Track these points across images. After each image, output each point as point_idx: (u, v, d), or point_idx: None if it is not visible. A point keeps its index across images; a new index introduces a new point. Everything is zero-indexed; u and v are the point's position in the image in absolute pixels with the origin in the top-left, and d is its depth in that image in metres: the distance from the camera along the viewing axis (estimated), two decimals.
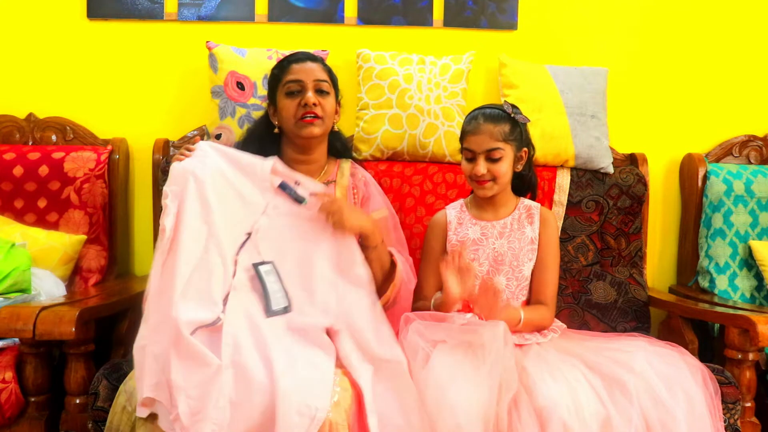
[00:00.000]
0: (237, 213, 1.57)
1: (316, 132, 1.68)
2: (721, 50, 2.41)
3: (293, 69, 1.71)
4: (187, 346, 1.33)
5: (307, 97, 1.67)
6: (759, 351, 1.76)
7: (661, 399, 1.42)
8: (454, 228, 1.77)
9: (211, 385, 1.30)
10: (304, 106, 1.67)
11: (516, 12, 2.36)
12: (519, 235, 1.73)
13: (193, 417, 1.28)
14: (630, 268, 2.16)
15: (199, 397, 1.29)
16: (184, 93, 2.32)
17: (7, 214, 2.12)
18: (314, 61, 1.74)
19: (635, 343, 1.60)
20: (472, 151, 1.68)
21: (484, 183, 1.69)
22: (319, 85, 1.69)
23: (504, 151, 1.67)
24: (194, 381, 1.30)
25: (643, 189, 2.17)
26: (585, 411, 1.38)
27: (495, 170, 1.67)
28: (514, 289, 1.71)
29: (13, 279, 1.77)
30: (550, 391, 1.40)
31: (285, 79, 1.70)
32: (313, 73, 1.70)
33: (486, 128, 1.67)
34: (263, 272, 1.53)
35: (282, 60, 1.77)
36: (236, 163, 1.61)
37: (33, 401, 1.64)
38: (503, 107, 1.71)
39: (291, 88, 1.69)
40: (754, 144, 2.39)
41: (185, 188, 1.51)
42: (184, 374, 1.31)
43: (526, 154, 1.73)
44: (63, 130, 2.27)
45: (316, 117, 1.67)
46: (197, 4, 2.31)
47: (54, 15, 2.30)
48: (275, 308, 1.50)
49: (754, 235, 2.25)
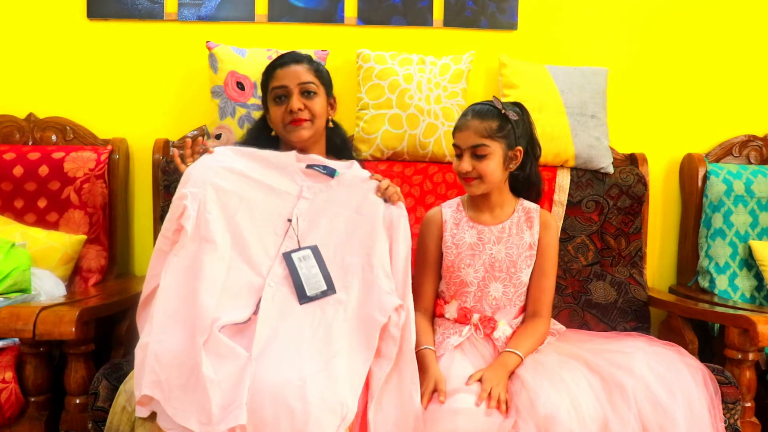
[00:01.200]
0: (271, 206, 1.57)
1: (305, 135, 1.70)
2: (721, 50, 2.41)
3: (278, 75, 1.72)
4: (216, 342, 1.33)
5: (291, 103, 1.68)
6: (759, 351, 1.76)
7: (659, 401, 1.42)
8: (450, 229, 1.72)
9: (243, 376, 1.30)
10: (290, 112, 1.69)
11: (516, 12, 2.36)
12: (517, 240, 1.69)
13: (226, 409, 1.27)
14: (630, 268, 2.16)
15: (231, 389, 1.29)
16: (184, 93, 2.32)
17: (7, 214, 2.12)
18: (299, 62, 1.74)
19: (635, 344, 1.59)
20: (458, 147, 1.65)
21: (470, 180, 1.64)
22: (304, 87, 1.70)
23: (490, 148, 1.61)
24: (225, 373, 1.30)
25: (643, 189, 2.17)
26: (586, 415, 1.38)
27: (481, 168, 1.62)
28: (511, 296, 1.68)
29: (13, 279, 1.77)
30: (551, 399, 1.39)
31: (271, 85, 1.73)
32: (297, 76, 1.70)
33: (472, 124, 1.62)
34: (296, 259, 1.52)
35: (268, 65, 1.78)
36: (259, 160, 1.60)
37: (33, 401, 1.65)
38: (492, 102, 1.65)
39: (277, 94, 1.71)
40: (754, 144, 2.39)
41: (205, 195, 1.50)
42: (215, 368, 1.30)
43: (521, 153, 1.65)
44: (63, 130, 2.27)
45: (304, 120, 1.69)
46: (197, 4, 2.31)
47: (54, 15, 2.30)
48: (311, 294, 1.49)
49: (754, 235, 2.25)
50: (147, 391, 1.31)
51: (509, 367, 1.52)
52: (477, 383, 1.46)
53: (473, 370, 1.52)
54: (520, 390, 1.45)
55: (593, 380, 1.46)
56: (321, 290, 1.50)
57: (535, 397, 1.41)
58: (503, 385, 1.46)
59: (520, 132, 1.65)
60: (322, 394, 1.30)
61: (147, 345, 1.35)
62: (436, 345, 1.62)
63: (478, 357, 1.59)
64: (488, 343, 1.63)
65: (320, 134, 1.77)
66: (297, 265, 1.51)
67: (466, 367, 1.53)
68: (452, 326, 1.66)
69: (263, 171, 1.59)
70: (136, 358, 1.36)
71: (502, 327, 1.64)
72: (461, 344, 1.62)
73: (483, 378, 1.47)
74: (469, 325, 1.64)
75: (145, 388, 1.32)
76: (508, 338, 1.63)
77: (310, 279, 1.50)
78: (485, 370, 1.49)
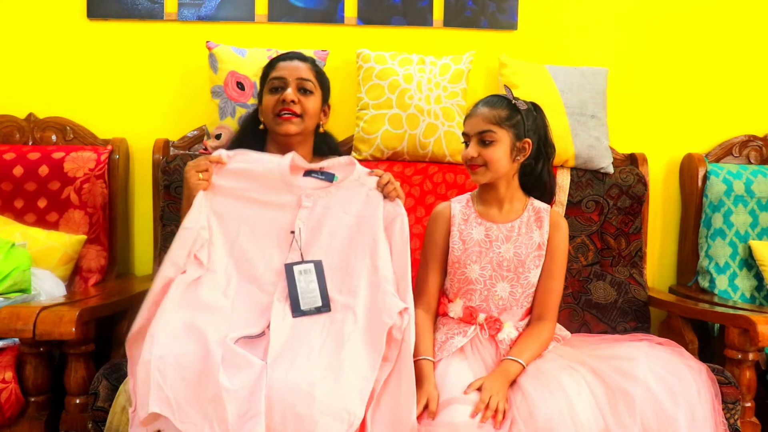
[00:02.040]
0: (271, 221, 1.56)
1: (293, 129, 1.68)
2: (721, 50, 2.41)
3: (279, 66, 1.72)
4: (230, 353, 1.33)
5: (286, 93, 1.67)
6: (759, 351, 1.76)
7: (663, 408, 1.40)
8: (458, 223, 1.70)
9: (259, 385, 1.29)
10: (282, 102, 1.67)
11: (516, 12, 2.36)
12: (526, 239, 1.67)
13: (242, 418, 1.26)
14: (630, 268, 2.16)
15: (247, 398, 1.28)
16: (184, 93, 2.32)
17: (7, 214, 2.12)
18: (303, 60, 1.74)
19: (637, 349, 1.57)
20: (466, 134, 1.66)
21: (476, 168, 1.63)
22: (301, 84, 1.69)
23: (497, 134, 1.61)
24: (240, 383, 1.29)
25: (643, 189, 2.17)
26: (586, 426, 1.37)
27: (487, 155, 1.61)
28: (518, 297, 1.66)
29: (13, 279, 1.77)
30: (550, 409, 1.39)
31: (270, 75, 1.72)
32: (297, 71, 1.70)
33: (481, 111, 1.63)
34: (296, 272, 1.51)
35: (273, 58, 1.78)
36: (255, 177, 1.57)
37: (33, 401, 1.65)
38: (504, 94, 1.66)
39: (274, 84, 1.70)
40: (754, 144, 2.39)
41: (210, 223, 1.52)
42: (231, 378, 1.29)
43: (529, 146, 1.64)
44: (63, 130, 2.27)
45: (294, 115, 1.67)
46: (197, 4, 2.31)
47: (54, 15, 2.30)
48: (304, 308, 1.48)
49: (754, 235, 2.25)
50: (155, 409, 1.27)
51: (511, 376, 1.51)
52: (475, 392, 1.45)
53: (472, 377, 1.51)
54: (521, 402, 1.44)
55: (597, 388, 1.45)
56: (315, 306, 1.49)
57: (534, 408, 1.40)
58: (503, 395, 1.45)
59: (530, 125, 1.64)
60: (330, 400, 1.30)
61: (149, 362, 1.30)
62: (438, 345, 1.62)
63: (479, 362, 1.58)
64: (491, 345, 1.62)
65: (308, 135, 1.75)
66: (296, 278, 1.50)
67: (466, 374, 1.53)
68: (457, 326, 1.64)
69: (259, 188, 1.57)
70: (138, 376, 1.31)
71: (507, 329, 1.63)
72: (463, 347, 1.61)
73: (483, 387, 1.46)
74: (474, 324, 1.63)
75: (153, 405, 1.27)
76: (512, 341, 1.62)
77: (306, 293, 1.49)
78: (486, 379, 1.48)
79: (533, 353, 1.57)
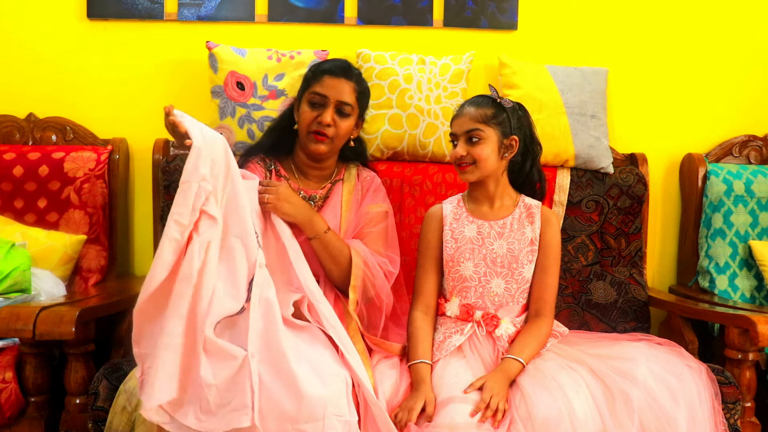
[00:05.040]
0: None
1: (323, 149, 1.72)
2: (722, 50, 2.41)
3: (324, 82, 1.71)
4: (211, 345, 1.31)
5: (324, 115, 1.69)
6: (759, 351, 1.76)
7: (662, 409, 1.40)
8: (450, 222, 1.72)
9: (241, 376, 1.29)
10: (319, 123, 1.70)
11: (516, 12, 2.36)
12: (519, 235, 1.69)
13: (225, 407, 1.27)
14: (630, 268, 2.16)
15: (228, 389, 1.29)
16: (184, 93, 2.32)
17: (7, 214, 2.12)
18: (349, 78, 1.73)
19: (636, 349, 1.57)
20: (454, 134, 1.69)
21: (465, 167, 1.66)
22: (341, 107, 1.71)
23: (484, 132, 1.64)
24: (223, 375, 1.29)
25: (643, 189, 2.17)
26: (584, 426, 1.37)
27: (475, 153, 1.64)
28: (513, 293, 1.67)
29: (13, 279, 1.77)
30: (548, 410, 1.39)
31: (313, 87, 1.72)
32: (341, 93, 1.71)
33: (468, 111, 1.67)
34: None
35: (321, 63, 1.80)
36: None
37: (33, 401, 1.65)
38: (488, 94, 1.70)
39: (314, 99, 1.71)
40: (754, 144, 2.39)
41: None
42: (213, 370, 1.29)
43: (516, 143, 1.67)
44: (63, 130, 2.27)
45: (326, 137, 1.70)
46: (197, 4, 2.31)
47: (54, 15, 2.30)
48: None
49: (754, 235, 2.25)
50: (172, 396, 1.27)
51: (511, 375, 1.51)
52: (475, 392, 1.46)
53: (471, 375, 1.52)
54: (520, 402, 1.44)
55: (595, 388, 1.45)
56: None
57: (533, 408, 1.40)
58: (503, 394, 1.45)
59: (515, 123, 1.68)
60: (326, 400, 1.32)
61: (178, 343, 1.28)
62: (436, 345, 1.63)
63: (478, 361, 1.59)
64: (489, 343, 1.62)
65: (336, 151, 1.80)
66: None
67: (464, 373, 1.53)
68: (454, 325, 1.65)
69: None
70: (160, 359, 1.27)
71: (505, 325, 1.63)
72: (461, 345, 1.61)
73: (484, 387, 1.46)
74: (471, 322, 1.64)
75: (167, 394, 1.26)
76: (510, 337, 1.62)
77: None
78: (486, 379, 1.48)
79: (533, 351, 1.58)
